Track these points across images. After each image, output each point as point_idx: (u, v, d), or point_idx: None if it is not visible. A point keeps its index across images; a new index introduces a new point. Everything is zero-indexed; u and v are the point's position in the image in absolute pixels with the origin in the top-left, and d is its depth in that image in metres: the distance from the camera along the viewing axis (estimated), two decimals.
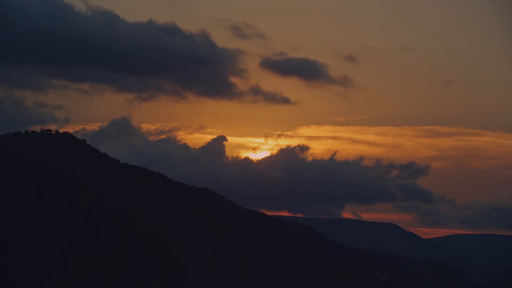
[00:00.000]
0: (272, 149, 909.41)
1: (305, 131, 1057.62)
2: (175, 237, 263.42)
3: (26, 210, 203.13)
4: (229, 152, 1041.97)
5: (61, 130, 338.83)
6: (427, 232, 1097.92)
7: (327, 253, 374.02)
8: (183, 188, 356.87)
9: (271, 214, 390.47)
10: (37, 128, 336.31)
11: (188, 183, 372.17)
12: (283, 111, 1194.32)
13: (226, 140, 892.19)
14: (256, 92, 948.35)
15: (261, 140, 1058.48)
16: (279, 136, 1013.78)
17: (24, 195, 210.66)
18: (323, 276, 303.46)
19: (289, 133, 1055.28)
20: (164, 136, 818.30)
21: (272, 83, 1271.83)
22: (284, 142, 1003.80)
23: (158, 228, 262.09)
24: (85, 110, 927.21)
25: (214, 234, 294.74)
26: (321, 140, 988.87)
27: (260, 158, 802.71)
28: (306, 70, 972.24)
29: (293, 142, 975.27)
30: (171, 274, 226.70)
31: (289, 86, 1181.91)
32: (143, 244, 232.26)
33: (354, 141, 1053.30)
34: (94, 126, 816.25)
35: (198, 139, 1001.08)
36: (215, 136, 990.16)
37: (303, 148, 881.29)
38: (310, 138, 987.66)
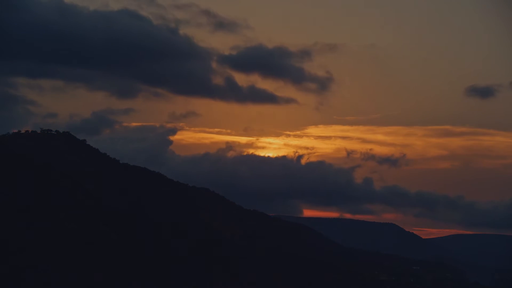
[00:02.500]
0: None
1: (313, 130, 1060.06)
2: (175, 237, 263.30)
3: (26, 210, 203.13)
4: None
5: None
6: (427, 232, 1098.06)
7: (327, 253, 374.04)
8: (183, 188, 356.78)
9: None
10: (37, 128, 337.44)
11: (188, 183, 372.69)
12: (289, 110, 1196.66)
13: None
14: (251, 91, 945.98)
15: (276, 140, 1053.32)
16: (287, 136, 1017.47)
17: (24, 195, 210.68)
18: (323, 276, 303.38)
19: (298, 132, 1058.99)
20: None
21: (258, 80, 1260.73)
22: (293, 142, 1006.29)
23: (158, 228, 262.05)
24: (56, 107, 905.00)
25: (214, 234, 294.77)
26: (331, 140, 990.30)
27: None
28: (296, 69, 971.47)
29: (302, 142, 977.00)
30: (171, 274, 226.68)
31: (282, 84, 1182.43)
32: (143, 244, 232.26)
33: (364, 140, 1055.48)
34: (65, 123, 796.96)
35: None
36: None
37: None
38: (319, 137, 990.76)
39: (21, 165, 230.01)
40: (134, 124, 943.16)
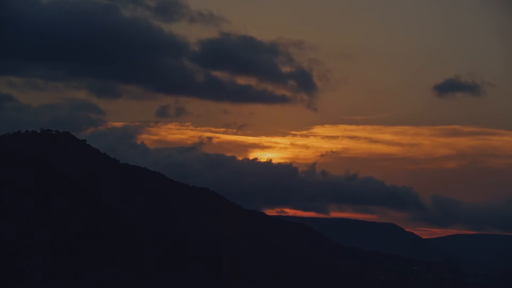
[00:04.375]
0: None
1: (320, 130, 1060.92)
2: (175, 237, 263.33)
3: (26, 210, 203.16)
4: None
5: None
6: (427, 232, 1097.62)
7: (327, 253, 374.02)
8: (183, 188, 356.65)
9: None
10: (37, 128, 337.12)
11: (188, 183, 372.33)
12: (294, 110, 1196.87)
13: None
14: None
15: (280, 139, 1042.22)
16: (294, 135, 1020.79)
17: (24, 195, 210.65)
18: (323, 276, 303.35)
19: (305, 132, 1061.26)
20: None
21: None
22: (300, 142, 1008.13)
23: (158, 228, 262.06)
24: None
25: (214, 234, 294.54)
26: (338, 140, 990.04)
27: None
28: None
29: (309, 142, 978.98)
30: (171, 274, 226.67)
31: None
32: (143, 244, 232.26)
33: (371, 140, 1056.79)
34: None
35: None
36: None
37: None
38: (327, 137, 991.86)
39: (21, 165, 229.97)
40: (116, 123, 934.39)
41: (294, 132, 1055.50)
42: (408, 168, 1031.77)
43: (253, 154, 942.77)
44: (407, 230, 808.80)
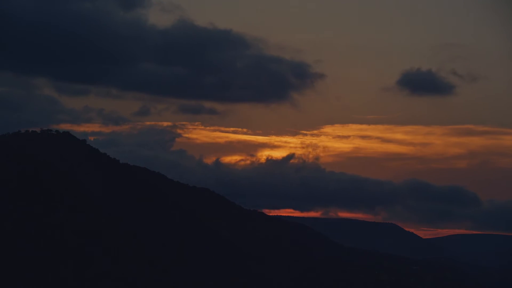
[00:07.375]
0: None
1: (330, 130, 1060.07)
2: (175, 237, 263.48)
3: (26, 210, 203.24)
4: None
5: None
6: (427, 232, 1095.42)
7: (327, 253, 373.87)
8: (183, 188, 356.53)
9: None
10: (37, 128, 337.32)
11: (188, 183, 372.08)
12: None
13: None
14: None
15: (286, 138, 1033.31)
16: (304, 135, 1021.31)
17: (24, 194, 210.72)
18: (323, 276, 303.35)
19: (315, 131, 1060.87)
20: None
21: None
22: (310, 141, 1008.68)
23: (158, 228, 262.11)
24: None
25: (214, 234, 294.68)
26: (349, 139, 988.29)
27: None
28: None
29: (319, 141, 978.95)
30: (171, 273, 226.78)
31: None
32: (143, 244, 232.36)
33: (383, 140, 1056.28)
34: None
35: None
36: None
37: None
38: (337, 137, 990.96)
39: (21, 165, 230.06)
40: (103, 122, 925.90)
41: (305, 132, 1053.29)
42: (419, 167, 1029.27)
43: (262, 154, 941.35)
44: (407, 230, 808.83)
